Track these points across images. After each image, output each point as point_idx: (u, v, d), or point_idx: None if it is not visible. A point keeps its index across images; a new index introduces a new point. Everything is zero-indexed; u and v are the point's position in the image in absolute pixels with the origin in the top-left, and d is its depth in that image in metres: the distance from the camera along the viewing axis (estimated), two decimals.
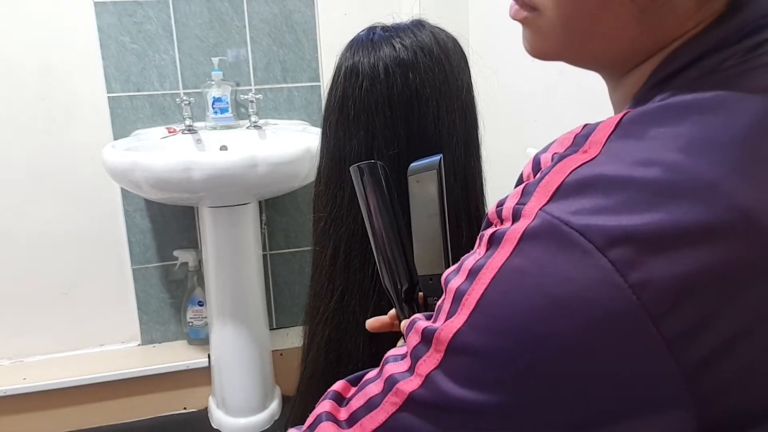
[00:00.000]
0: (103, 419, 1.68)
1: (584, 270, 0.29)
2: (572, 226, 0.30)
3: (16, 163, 1.60)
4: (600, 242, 0.29)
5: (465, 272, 0.35)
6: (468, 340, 0.33)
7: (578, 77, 1.11)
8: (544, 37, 0.40)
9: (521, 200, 0.34)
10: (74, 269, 1.69)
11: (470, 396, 0.32)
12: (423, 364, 0.35)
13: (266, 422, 1.59)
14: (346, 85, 0.74)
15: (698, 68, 0.34)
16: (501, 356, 0.32)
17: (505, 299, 0.32)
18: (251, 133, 1.61)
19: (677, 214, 0.29)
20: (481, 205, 0.78)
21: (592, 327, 0.29)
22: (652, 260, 0.29)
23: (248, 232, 1.54)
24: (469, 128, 0.76)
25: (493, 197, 0.80)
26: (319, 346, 0.77)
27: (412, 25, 0.75)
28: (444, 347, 0.34)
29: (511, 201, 0.35)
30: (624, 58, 0.38)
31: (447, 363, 0.34)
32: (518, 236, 0.32)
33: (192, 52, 1.63)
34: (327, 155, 0.77)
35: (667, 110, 0.33)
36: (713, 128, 0.31)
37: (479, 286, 0.33)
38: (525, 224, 0.32)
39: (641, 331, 0.29)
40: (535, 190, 0.33)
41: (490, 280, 0.33)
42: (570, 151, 0.34)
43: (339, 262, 0.75)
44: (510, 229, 0.33)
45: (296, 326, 1.80)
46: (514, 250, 0.32)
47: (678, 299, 0.28)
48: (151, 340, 1.78)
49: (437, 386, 0.34)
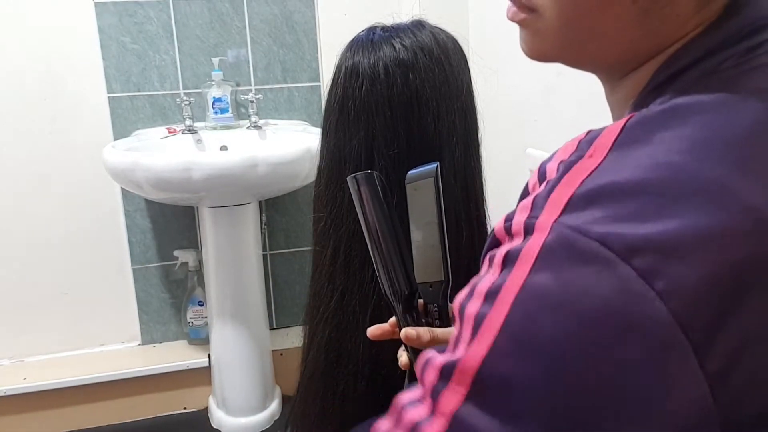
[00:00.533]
0: (103, 419, 1.68)
1: (608, 280, 0.29)
2: (591, 236, 0.29)
3: (17, 163, 1.60)
4: (621, 251, 0.29)
5: (481, 296, 0.33)
6: (495, 368, 0.31)
7: (577, 78, 1.11)
8: (542, 39, 0.39)
9: (532, 214, 0.33)
10: (74, 269, 1.69)
11: (500, 429, 0.30)
12: (446, 401, 0.32)
13: (266, 422, 1.59)
14: (346, 85, 0.74)
15: (698, 69, 0.34)
16: (533, 383, 0.29)
17: (530, 321, 0.30)
18: (251, 133, 1.62)
19: (693, 217, 0.29)
20: (481, 205, 0.78)
21: (623, 338, 0.28)
22: (676, 266, 0.28)
23: (248, 232, 1.54)
24: (469, 128, 0.76)
25: (493, 197, 0.81)
26: (319, 346, 0.77)
27: (412, 25, 0.75)
28: (469, 379, 0.31)
29: (520, 215, 0.33)
30: (624, 60, 0.38)
31: (473, 396, 0.31)
32: (536, 252, 0.31)
33: (192, 52, 1.63)
34: (327, 155, 0.77)
35: (670, 113, 0.33)
36: (716, 128, 0.31)
37: (500, 308, 0.31)
38: (541, 239, 0.31)
39: (671, 338, 0.28)
40: (546, 203, 0.32)
41: (512, 301, 0.31)
42: (575, 157, 0.33)
43: (339, 262, 0.75)
44: (525, 246, 0.32)
45: (296, 326, 1.80)
46: (533, 267, 0.31)
47: (702, 304, 0.28)
48: (151, 340, 1.78)
49: (466, 423, 0.31)
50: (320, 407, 0.78)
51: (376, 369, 0.74)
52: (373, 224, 0.59)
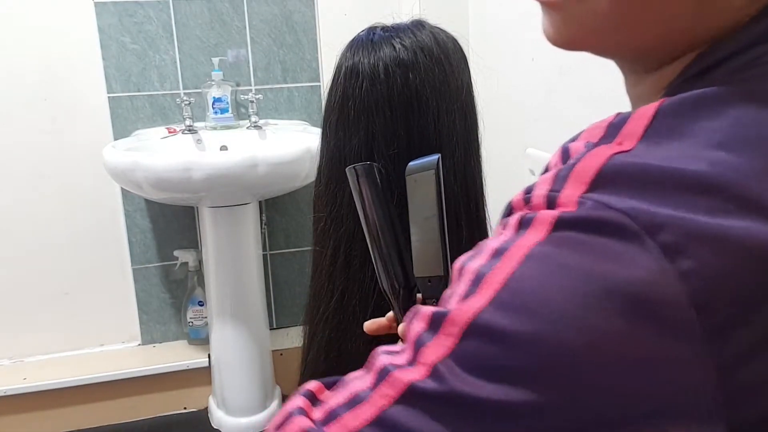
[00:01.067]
0: (103, 419, 1.68)
1: (631, 254, 0.28)
2: (617, 208, 0.28)
3: (17, 163, 1.61)
4: (647, 225, 0.28)
5: (487, 253, 0.31)
6: (492, 320, 0.28)
7: (578, 78, 1.11)
8: (578, 24, 0.36)
9: (554, 187, 0.31)
10: (74, 269, 1.69)
11: (488, 389, 0.28)
12: (429, 351, 0.30)
13: (266, 422, 1.59)
14: (346, 85, 0.74)
15: (739, 60, 0.33)
16: (533, 343, 0.28)
17: (540, 279, 0.28)
18: (251, 134, 1.62)
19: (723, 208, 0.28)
20: (481, 205, 0.78)
21: (633, 311, 0.27)
22: (699, 249, 0.27)
23: (248, 232, 1.54)
24: (469, 128, 0.76)
25: (493, 197, 0.81)
26: (319, 346, 0.77)
27: (412, 25, 0.75)
28: (459, 329, 0.29)
29: (541, 188, 0.32)
30: (666, 49, 0.36)
31: (462, 349, 0.29)
32: (554, 218, 0.29)
33: (192, 52, 1.63)
34: (327, 155, 0.77)
35: (704, 102, 0.32)
36: (752, 122, 0.30)
37: (507, 263, 0.29)
38: (562, 209, 0.30)
39: (684, 320, 0.27)
40: (570, 176, 0.31)
41: (523, 257, 0.29)
42: (603, 143, 0.32)
43: (339, 262, 0.75)
44: (544, 212, 0.30)
45: (296, 326, 1.80)
46: (551, 233, 0.29)
47: (725, 294, 0.27)
48: (151, 340, 1.78)
49: (447, 376, 0.29)
50: None
51: None
52: (372, 216, 0.58)
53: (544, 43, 0.39)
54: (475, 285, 0.30)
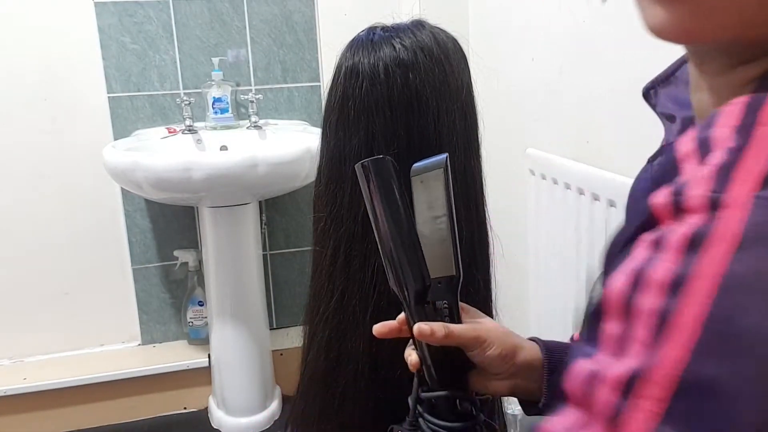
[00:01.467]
0: (103, 419, 1.68)
1: None
2: None
3: (17, 163, 1.61)
4: None
5: (659, 288, 0.27)
6: (704, 372, 0.24)
7: (578, 77, 1.11)
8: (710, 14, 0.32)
9: (716, 187, 0.27)
10: (74, 269, 1.69)
11: None
12: (634, 422, 0.25)
13: (266, 422, 1.59)
14: (346, 85, 0.74)
15: None
16: (749, 389, 0.24)
17: (740, 313, 0.24)
18: (251, 134, 1.62)
19: None
20: (481, 205, 0.78)
21: None
22: None
23: (248, 232, 1.54)
24: (469, 128, 0.76)
25: (493, 197, 0.81)
26: (319, 346, 0.77)
27: (412, 25, 0.75)
28: (668, 390, 0.25)
29: (697, 188, 0.28)
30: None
31: (676, 411, 0.24)
32: (735, 230, 0.25)
33: (192, 52, 1.63)
34: (327, 155, 0.77)
35: None
36: None
37: (695, 300, 0.25)
38: (738, 215, 0.26)
39: None
40: (734, 175, 0.27)
41: (712, 290, 0.25)
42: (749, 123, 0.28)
43: (339, 262, 0.75)
44: (716, 225, 0.26)
45: (296, 326, 1.80)
46: (735, 249, 0.25)
47: None
48: (151, 340, 1.78)
49: None
50: (320, 407, 0.78)
51: (376, 369, 0.74)
52: (384, 214, 0.55)
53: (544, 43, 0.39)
54: (660, 330, 0.26)
